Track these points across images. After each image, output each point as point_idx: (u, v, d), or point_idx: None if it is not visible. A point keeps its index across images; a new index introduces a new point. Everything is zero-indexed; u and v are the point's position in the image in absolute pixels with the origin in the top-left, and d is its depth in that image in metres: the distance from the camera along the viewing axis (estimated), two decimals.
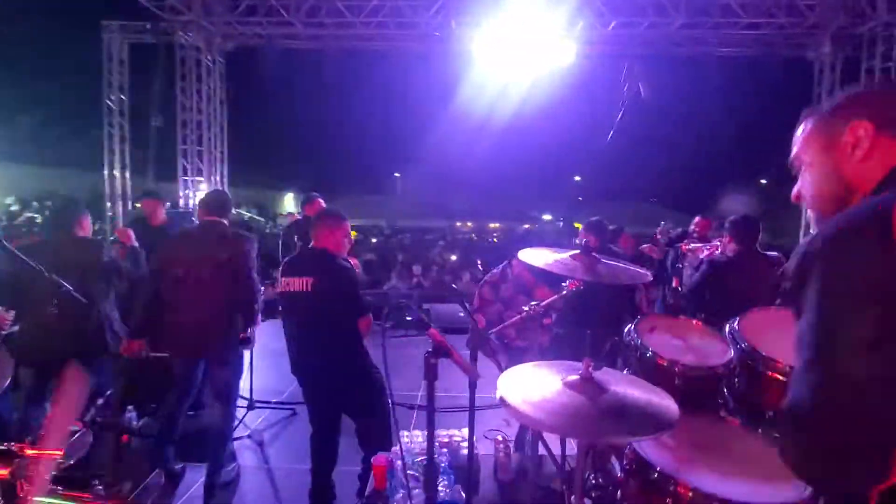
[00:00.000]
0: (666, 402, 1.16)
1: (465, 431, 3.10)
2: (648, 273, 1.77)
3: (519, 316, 1.79)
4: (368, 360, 2.84)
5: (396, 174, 37.75)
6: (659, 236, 4.99)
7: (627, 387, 1.20)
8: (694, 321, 1.94)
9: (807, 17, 7.07)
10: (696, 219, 4.89)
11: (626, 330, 1.74)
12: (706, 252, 3.35)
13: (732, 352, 1.66)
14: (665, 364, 1.66)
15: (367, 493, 2.55)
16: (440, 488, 2.29)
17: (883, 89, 0.96)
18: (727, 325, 1.80)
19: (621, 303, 3.01)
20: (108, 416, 3.01)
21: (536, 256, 1.62)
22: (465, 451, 2.80)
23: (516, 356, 2.75)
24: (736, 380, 1.67)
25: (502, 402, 1.27)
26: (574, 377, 1.25)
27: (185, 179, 8.70)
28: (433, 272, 12.59)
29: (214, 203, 3.23)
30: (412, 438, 2.97)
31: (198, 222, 3.41)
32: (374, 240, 20.15)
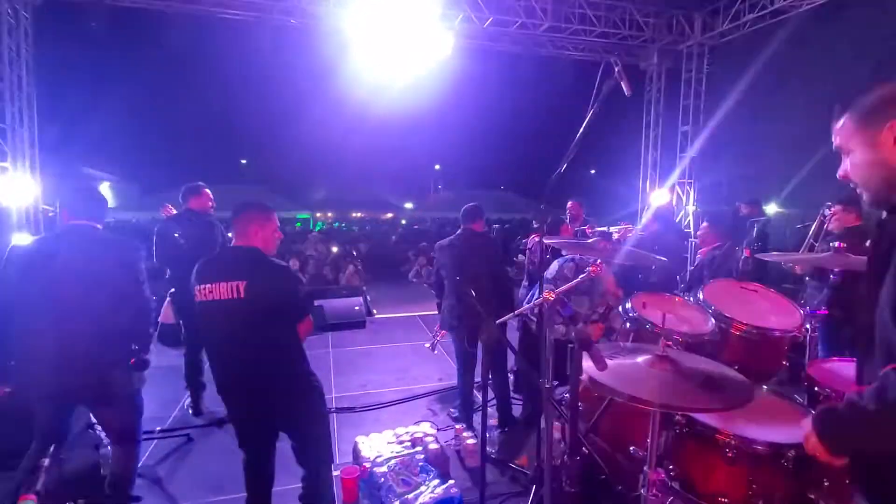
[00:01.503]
0: (736, 374, 1.32)
1: (425, 426, 3.08)
2: (662, 257, 1.95)
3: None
4: (308, 366, 2.60)
5: (243, 161, 34.37)
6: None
7: (696, 362, 1.33)
8: (672, 296, 2.21)
9: (644, 32, 8.37)
10: (569, 203, 5.52)
11: (622, 307, 1.91)
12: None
13: (713, 320, 1.95)
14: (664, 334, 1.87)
15: None
16: (425, 488, 2.24)
17: None
18: (693, 297, 2.10)
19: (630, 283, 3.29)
20: None
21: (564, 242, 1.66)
22: (435, 447, 2.79)
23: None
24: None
25: (595, 386, 1.27)
26: (648, 357, 1.33)
27: None
28: (310, 266, 11.85)
29: (83, 202, 2.59)
30: (369, 444, 2.82)
31: (60, 228, 2.64)
32: (230, 234, 18.12)
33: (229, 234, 3.83)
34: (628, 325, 1.94)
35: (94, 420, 3.45)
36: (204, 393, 4.44)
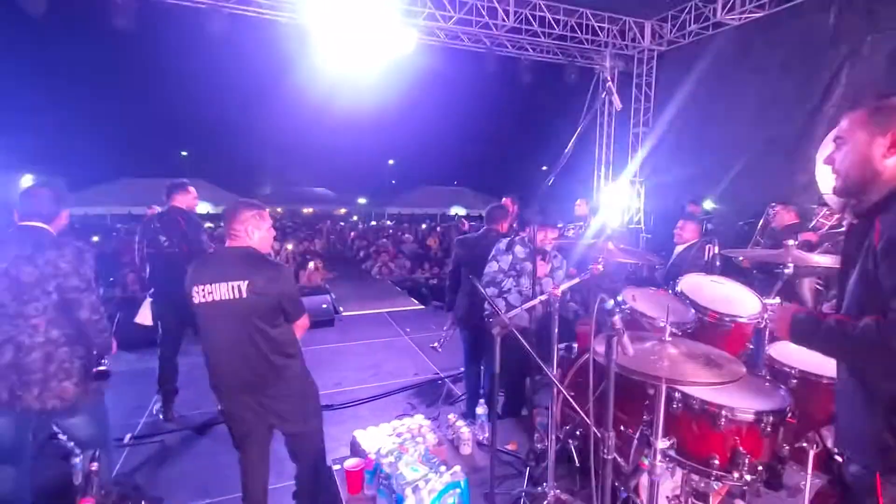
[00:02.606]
0: (730, 356, 1.55)
1: (419, 418, 3.19)
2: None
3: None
4: (304, 364, 2.66)
5: (184, 153, 32.54)
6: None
7: (693, 346, 1.55)
8: (657, 290, 2.46)
9: (599, 37, 8.81)
10: (504, 199, 5.80)
11: (614, 301, 2.11)
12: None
13: (692, 310, 2.21)
14: (659, 325, 2.10)
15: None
16: (434, 475, 2.37)
17: None
18: (672, 289, 2.36)
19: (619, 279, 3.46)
20: None
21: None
22: (433, 437, 2.92)
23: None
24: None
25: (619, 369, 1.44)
26: (654, 342, 1.53)
27: None
28: None
29: (34, 202, 2.48)
30: (368, 437, 2.91)
31: (11, 229, 2.49)
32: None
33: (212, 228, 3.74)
34: (621, 316, 2.16)
35: (57, 429, 3.29)
36: (176, 398, 4.32)
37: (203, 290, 2.34)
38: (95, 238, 11.69)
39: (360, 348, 6.38)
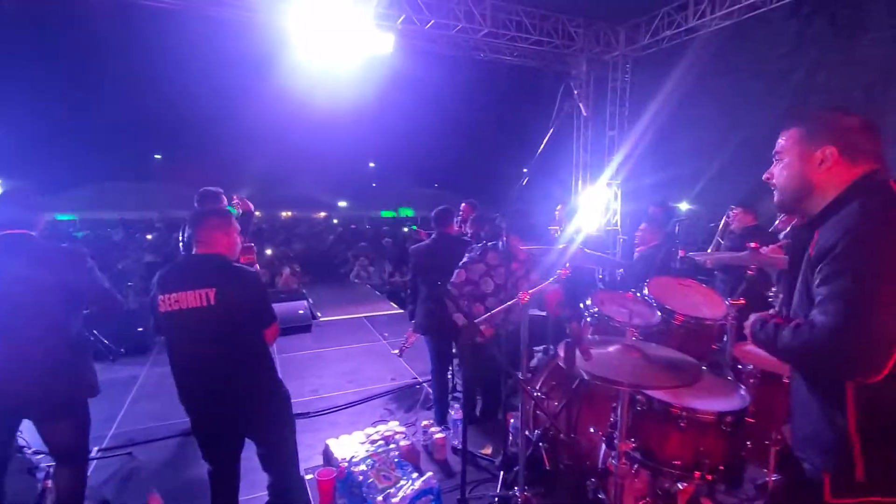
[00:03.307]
0: (686, 357, 1.58)
1: (393, 424, 3.18)
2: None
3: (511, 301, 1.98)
4: (275, 372, 2.63)
5: (157, 156, 31.79)
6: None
7: (656, 349, 1.57)
8: (624, 293, 2.49)
9: (574, 42, 8.93)
10: (463, 204, 5.87)
11: (585, 304, 2.15)
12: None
13: (659, 312, 2.25)
14: (624, 328, 2.13)
15: None
16: (406, 481, 2.35)
17: (858, 126, 1.36)
18: (640, 292, 2.40)
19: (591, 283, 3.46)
20: None
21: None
22: (406, 443, 2.91)
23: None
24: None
25: (584, 375, 1.46)
26: (617, 346, 1.55)
27: None
28: None
29: (14, 209, 2.44)
30: (340, 445, 2.88)
31: None
32: (149, 236, 16.83)
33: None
34: (590, 320, 2.20)
35: (25, 442, 3.23)
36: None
37: (170, 299, 2.29)
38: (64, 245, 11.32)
39: (337, 354, 6.31)
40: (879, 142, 1.36)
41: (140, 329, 5.98)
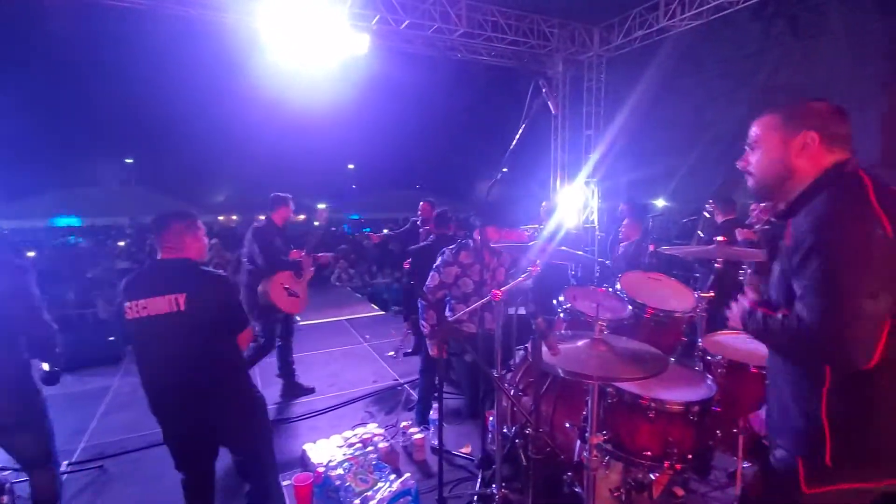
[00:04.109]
0: (653, 349, 1.61)
1: (371, 427, 3.16)
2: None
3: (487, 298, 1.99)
4: (249, 378, 2.59)
5: (128, 160, 30.97)
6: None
7: (623, 342, 1.60)
8: (595, 288, 2.53)
9: (550, 42, 9.02)
10: (421, 203, 5.94)
11: (558, 300, 2.17)
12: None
13: (629, 307, 2.29)
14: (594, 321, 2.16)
15: None
16: (383, 483, 2.34)
17: (830, 111, 1.37)
18: (612, 287, 2.44)
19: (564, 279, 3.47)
20: None
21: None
22: (385, 445, 2.89)
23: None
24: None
25: (554, 370, 1.47)
26: (586, 340, 1.57)
27: None
28: None
29: None
30: (318, 450, 2.85)
31: None
32: (121, 242, 16.40)
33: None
34: (563, 315, 2.23)
35: None
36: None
37: (137, 305, 2.23)
38: (31, 253, 10.95)
39: (317, 357, 6.24)
40: (850, 127, 1.38)
41: (111, 338, 5.82)
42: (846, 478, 1.28)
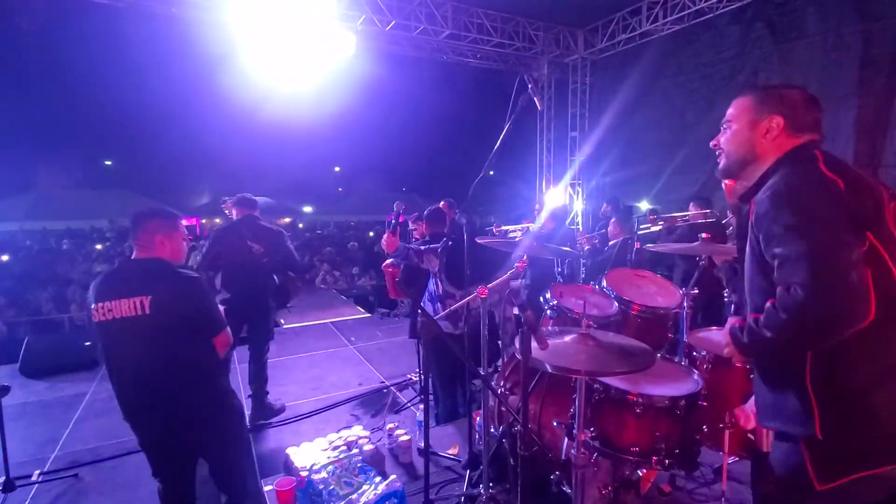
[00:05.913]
0: (640, 344, 1.60)
1: (357, 429, 3.10)
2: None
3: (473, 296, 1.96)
4: (227, 384, 2.49)
5: (108, 162, 30.37)
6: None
7: (610, 338, 1.58)
8: (582, 285, 2.52)
9: (535, 45, 9.08)
10: (396, 203, 5.95)
11: (543, 297, 2.16)
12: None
13: (616, 303, 2.28)
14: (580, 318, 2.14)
15: None
16: (368, 486, 2.29)
17: (799, 99, 1.40)
18: (598, 284, 2.44)
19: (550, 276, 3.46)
20: None
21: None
22: (370, 447, 2.84)
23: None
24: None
25: (542, 365, 1.45)
26: (574, 336, 1.55)
27: None
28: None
29: None
30: (301, 454, 2.79)
31: None
32: (98, 246, 16.02)
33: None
34: (549, 312, 2.21)
35: None
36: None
37: (103, 308, 2.12)
38: (5, 257, 10.62)
39: (302, 361, 6.15)
40: (820, 113, 1.40)
41: (87, 343, 5.65)
42: (849, 461, 1.24)
